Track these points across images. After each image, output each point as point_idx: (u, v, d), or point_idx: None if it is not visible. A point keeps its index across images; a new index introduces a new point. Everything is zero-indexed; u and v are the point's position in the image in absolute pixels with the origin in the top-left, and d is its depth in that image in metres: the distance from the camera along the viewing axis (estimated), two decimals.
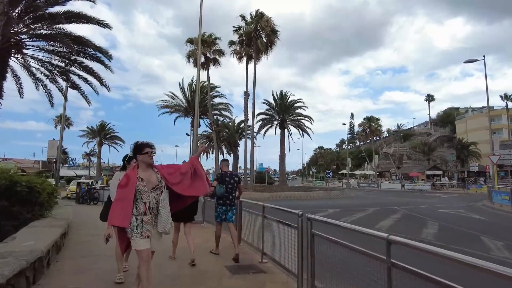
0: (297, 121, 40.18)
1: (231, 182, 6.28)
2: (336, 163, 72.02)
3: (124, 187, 3.28)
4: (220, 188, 6.16)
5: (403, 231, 10.24)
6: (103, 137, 58.60)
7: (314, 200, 23.76)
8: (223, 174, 6.35)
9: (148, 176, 3.39)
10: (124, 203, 3.24)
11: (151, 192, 3.34)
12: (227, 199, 6.25)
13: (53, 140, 23.18)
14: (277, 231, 5.41)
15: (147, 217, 3.29)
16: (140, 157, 3.42)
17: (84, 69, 16.92)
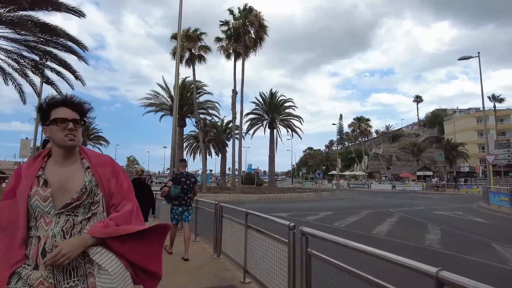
0: (287, 121, 39.21)
1: (187, 182, 6.16)
2: (325, 163, 71.37)
3: (5, 198, 1.55)
4: (175, 189, 5.99)
5: (403, 236, 9.28)
6: (86, 137, 56.45)
7: (305, 202, 22.77)
8: (178, 175, 6.23)
9: (64, 175, 1.57)
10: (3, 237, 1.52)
11: (59, 214, 1.51)
12: (183, 199, 6.14)
13: (25, 139, 21.49)
14: (263, 245, 4.30)
15: (37, 275, 1.43)
16: (47, 129, 1.59)
17: (56, 61, 15.58)
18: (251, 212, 4.86)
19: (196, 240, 7.96)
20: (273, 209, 16.94)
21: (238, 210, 5.38)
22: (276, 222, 3.88)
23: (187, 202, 6.24)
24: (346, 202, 23.39)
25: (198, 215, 8.19)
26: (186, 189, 6.16)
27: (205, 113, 36.89)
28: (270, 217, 4.12)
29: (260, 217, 4.47)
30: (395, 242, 8.44)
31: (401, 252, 7.29)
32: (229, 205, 6.03)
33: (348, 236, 8.95)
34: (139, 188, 6.26)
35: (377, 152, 68.05)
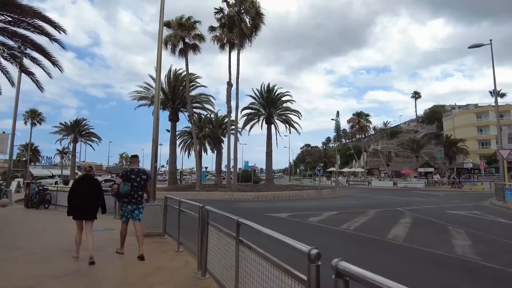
0: (285, 115, 37.62)
1: (137, 180, 5.96)
2: (323, 160, 70.04)
3: None
4: (125, 186, 5.79)
5: (426, 242, 7.84)
6: (78, 134, 54.71)
7: (305, 201, 21.32)
8: (128, 171, 6.03)
9: None
10: None
11: None
12: (132, 197, 5.91)
13: (3, 134, 19.84)
14: (263, 273, 2.82)
15: None
16: None
17: (31, 46, 13.96)
18: (244, 223, 3.38)
19: (179, 251, 6.48)
20: (272, 209, 15.49)
21: (227, 217, 3.89)
22: (285, 243, 2.39)
23: (137, 200, 6.00)
24: (349, 201, 22.00)
25: (183, 220, 6.67)
26: (136, 186, 5.95)
27: (200, 107, 35.35)
28: (275, 235, 2.62)
29: (260, 231, 2.96)
30: (421, 251, 7.00)
31: (438, 266, 5.85)
32: (218, 210, 4.53)
33: (362, 242, 7.48)
34: (87, 185, 5.91)
35: (376, 149, 66.75)
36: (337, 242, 8.22)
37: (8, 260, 5.55)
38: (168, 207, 7.79)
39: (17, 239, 7.48)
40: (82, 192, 5.79)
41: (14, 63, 14.92)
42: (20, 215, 12.52)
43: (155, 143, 8.73)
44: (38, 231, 8.70)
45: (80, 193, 5.77)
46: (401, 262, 6.30)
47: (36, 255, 5.91)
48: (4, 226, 9.34)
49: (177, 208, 6.74)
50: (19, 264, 5.31)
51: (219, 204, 18.02)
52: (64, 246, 6.65)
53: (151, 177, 8.86)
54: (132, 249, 6.52)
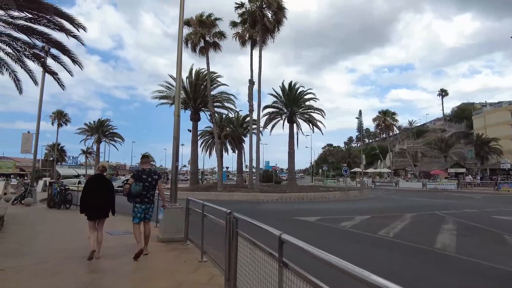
0: (307, 114, 36.45)
1: (149, 180, 5.96)
2: (347, 161, 68.09)
3: None
4: (136, 186, 5.79)
5: (488, 256, 6.73)
6: (101, 134, 55.66)
7: (332, 203, 20.23)
8: (140, 171, 6.03)
9: None
10: None
11: None
12: (145, 197, 5.94)
13: (27, 133, 19.93)
14: None
15: None
16: None
17: (52, 43, 13.72)
18: (290, 241, 2.54)
19: (203, 260, 5.73)
20: (298, 212, 14.59)
21: (265, 230, 3.08)
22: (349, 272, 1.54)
23: (149, 199, 6.03)
24: (379, 203, 20.74)
25: (207, 225, 5.91)
26: (148, 186, 5.95)
27: (220, 106, 34.72)
28: (332, 261, 1.78)
29: (317, 256, 2.11)
30: (486, 267, 5.94)
31: None
32: (250, 219, 3.71)
33: (408, 252, 6.45)
34: (99, 185, 5.90)
35: (403, 148, 64.25)
36: (380, 252, 7.25)
37: (13, 270, 4.98)
38: (190, 210, 7.10)
39: (30, 243, 7.00)
40: (94, 191, 5.85)
41: (37, 62, 14.75)
42: (40, 216, 12.23)
43: (176, 141, 8.06)
44: (54, 233, 8.24)
45: (92, 193, 5.84)
46: (467, 280, 5.29)
47: (45, 264, 5.33)
48: (22, 227, 8.95)
49: (200, 212, 6.01)
50: (24, 276, 4.72)
51: (242, 205, 17.28)
52: (77, 253, 6.07)
53: (173, 177, 8.24)
54: (150, 258, 5.86)
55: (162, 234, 7.44)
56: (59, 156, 59.40)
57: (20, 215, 11.90)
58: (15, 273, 4.83)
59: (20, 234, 7.99)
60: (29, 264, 5.27)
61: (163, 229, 7.53)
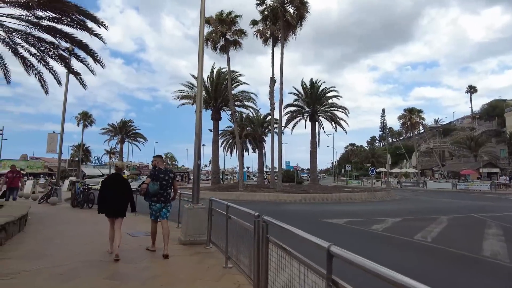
0: (330, 112, 35.49)
1: (166, 178, 6.01)
2: (371, 160, 66.29)
3: None
4: (154, 185, 5.86)
5: None
6: (124, 134, 56.65)
7: (358, 204, 19.37)
8: (157, 171, 6.06)
9: None
10: None
11: None
12: (161, 196, 5.97)
13: (53, 133, 20.24)
14: None
15: None
16: None
17: (74, 43, 13.70)
18: (343, 255, 1.99)
19: (227, 266, 5.26)
20: (324, 213, 13.94)
21: (301, 237, 2.55)
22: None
23: (166, 198, 6.05)
24: (409, 204, 19.71)
25: (231, 228, 5.44)
26: (165, 185, 5.98)
27: (241, 105, 34.33)
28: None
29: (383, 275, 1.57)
30: None
31: None
32: (283, 224, 3.18)
33: (454, 260, 5.63)
34: (116, 184, 5.98)
35: (430, 147, 61.81)
36: (422, 259, 6.54)
37: (29, 273, 4.68)
38: (213, 212, 6.64)
39: (49, 244, 6.76)
40: (111, 190, 5.91)
41: (61, 63, 14.80)
42: (62, 215, 12.18)
43: (198, 138, 7.64)
44: (74, 234, 8.01)
45: (109, 191, 5.90)
46: None
47: (61, 267, 5.01)
48: (43, 227, 8.81)
49: (224, 214, 5.55)
50: (38, 281, 4.40)
51: (265, 206, 16.78)
52: (95, 255, 5.76)
53: (195, 176, 7.84)
54: (171, 262, 5.44)
55: (184, 236, 7.04)
56: (84, 156, 60.92)
57: (44, 214, 11.88)
58: (30, 277, 4.53)
59: (40, 234, 7.80)
60: (45, 268, 4.97)
61: (184, 231, 7.14)
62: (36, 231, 8.17)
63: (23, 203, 10.03)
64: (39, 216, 10.91)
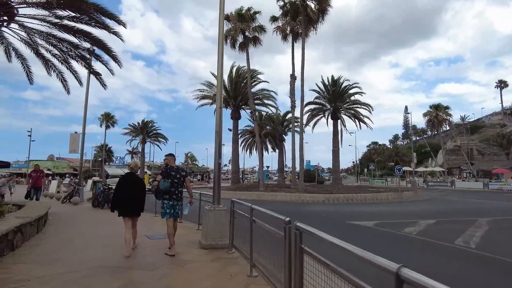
0: (353, 109, 34.41)
1: (177, 176, 5.99)
2: (394, 159, 64.29)
3: None
4: (165, 183, 5.83)
5: None
6: (146, 135, 57.30)
7: (385, 205, 18.46)
8: (168, 169, 6.05)
9: None
10: None
11: None
12: (173, 194, 5.93)
13: (75, 134, 20.43)
14: None
15: None
16: None
17: (92, 41, 13.59)
18: (419, 283, 1.44)
19: (252, 275, 4.77)
20: (351, 215, 13.24)
21: (355, 255, 2.02)
22: None
23: (177, 196, 6.03)
24: (439, 205, 18.62)
25: (256, 232, 4.94)
26: (176, 183, 5.97)
27: (260, 104, 33.79)
28: None
29: None
30: None
31: None
32: (321, 234, 2.65)
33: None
34: (131, 183, 6.03)
35: (458, 145, 59.25)
36: (477, 272, 5.83)
37: (39, 281, 4.36)
38: (236, 213, 6.17)
39: (64, 247, 6.50)
40: (126, 190, 5.96)
41: (81, 62, 14.78)
42: (83, 215, 12.08)
43: (219, 136, 7.19)
44: (91, 235, 7.77)
45: (124, 191, 5.95)
46: None
47: (75, 273, 4.67)
48: (61, 228, 8.62)
49: (248, 217, 5.06)
50: None
51: (287, 206, 16.22)
52: (111, 261, 5.41)
53: (215, 175, 7.39)
54: (191, 269, 5.00)
55: (205, 239, 6.61)
56: (107, 156, 62.15)
57: (65, 214, 11.81)
58: (40, 285, 4.19)
59: (58, 236, 7.59)
60: (58, 274, 4.64)
61: (205, 234, 6.70)
62: (54, 232, 7.97)
63: (44, 203, 9.92)
64: (60, 216, 10.81)
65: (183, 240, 7.19)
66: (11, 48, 14.38)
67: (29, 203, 10.19)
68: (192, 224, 9.50)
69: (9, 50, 14.50)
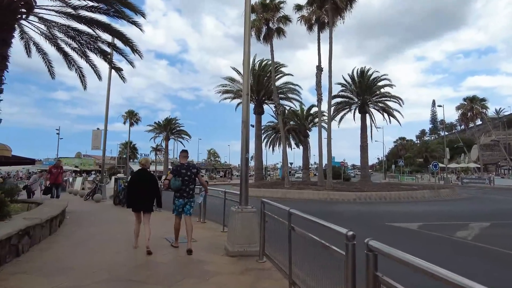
0: (382, 102, 32.64)
1: (188, 174, 5.83)
2: (424, 155, 61.44)
3: None
4: (175, 181, 5.74)
5: None
6: (169, 132, 57.52)
7: (422, 204, 16.98)
8: (179, 166, 5.94)
9: None
10: None
11: None
12: (184, 191, 5.79)
13: (97, 130, 20.16)
14: None
15: None
16: None
17: (111, 32, 13.05)
18: None
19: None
20: (389, 215, 12.05)
21: None
22: None
23: (188, 194, 5.81)
24: (484, 205, 16.96)
25: (294, 241, 4.00)
26: (187, 180, 5.79)
27: (284, 98, 32.66)
28: None
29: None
30: None
31: None
32: (418, 262, 1.68)
33: None
34: (143, 179, 6.02)
35: (496, 140, 55.73)
36: None
37: None
38: (267, 216, 5.26)
39: (76, 251, 5.86)
40: (139, 185, 5.95)
41: (100, 55, 14.29)
42: (102, 214, 11.58)
43: (246, 127, 6.30)
44: (107, 238, 7.14)
45: (137, 187, 5.96)
46: None
47: (81, 287, 3.92)
48: (77, 228, 8.04)
49: (285, 223, 4.15)
50: None
51: (315, 206, 15.19)
52: (122, 270, 4.65)
53: (243, 172, 6.47)
54: (217, 283, 4.16)
55: (232, 245, 5.74)
56: (132, 153, 62.96)
57: (84, 213, 11.34)
58: None
59: (71, 238, 6.97)
60: (63, 287, 3.91)
61: (232, 240, 5.84)
62: (69, 233, 7.38)
63: (62, 202, 9.42)
64: (78, 215, 10.32)
65: (207, 244, 6.38)
66: (32, 43, 14.16)
67: (47, 201, 9.73)
68: (216, 224, 8.68)
69: (29, 45, 14.27)
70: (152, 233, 5.92)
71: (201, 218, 9.36)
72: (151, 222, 6.06)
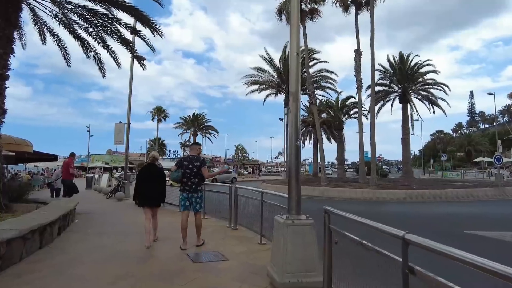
0: (426, 91, 29.50)
1: (189, 166, 5.58)
2: (466, 148, 56.82)
3: None
4: (174, 173, 5.60)
5: None
6: (197, 127, 56.83)
7: (490, 204, 14.29)
8: (182, 158, 5.96)
9: None
10: None
11: None
12: (185, 185, 5.60)
13: (119, 123, 18.98)
14: None
15: None
16: None
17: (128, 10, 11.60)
18: None
19: None
20: (461, 219, 9.79)
21: None
22: None
23: (191, 187, 5.54)
24: None
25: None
26: (188, 173, 5.53)
27: (317, 87, 30.26)
28: None
29: None
30: None
31: None
32: None
33: None
34: (151, 174, 5.91)
35: None
36: None
37: None
38: (333, 231, 3.37)
39: (83, 258, 4.61)
40: (146, 180, 5.79)
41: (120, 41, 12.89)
42: (119, 215, 10.15)
43: (295, 100, 4.44)
44: (118, 240, 6.13)
45: (145, 182, 5.78)
46: None
47: None
48: (81, 236, 6.56)
49: (358, 242, 2.29)
50: None
51: (363, 207, 13.06)
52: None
53: (292, 168, 4.58)
54: None
55: (280, 273, 3.90)
56: (160, 149, 62.92)
57: (99, 214, 9.97)
58: None
59: (66, 253, 5.39)
60: None
61: (279, 263, 3.99)
62: (67, 245, 5.79)
63: (70, 203, 8.01)
64: (91, 218, 8.96)
65: (242, 266, 4.59)
66: (46, 27, 13.06)
67: (54, 201, 8.38)
68: (250, 233, 6.78)
69: (43, 31, 13.18)
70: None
71: (231, 223, 7.56)
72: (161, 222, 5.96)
